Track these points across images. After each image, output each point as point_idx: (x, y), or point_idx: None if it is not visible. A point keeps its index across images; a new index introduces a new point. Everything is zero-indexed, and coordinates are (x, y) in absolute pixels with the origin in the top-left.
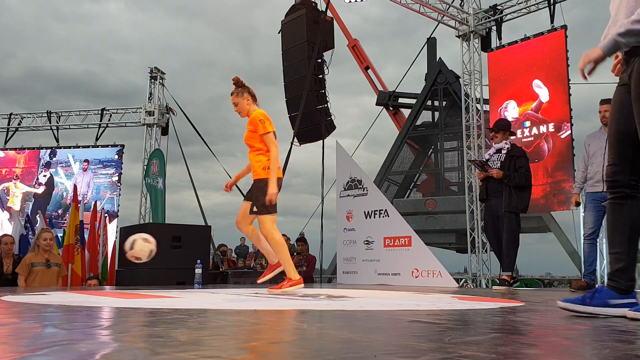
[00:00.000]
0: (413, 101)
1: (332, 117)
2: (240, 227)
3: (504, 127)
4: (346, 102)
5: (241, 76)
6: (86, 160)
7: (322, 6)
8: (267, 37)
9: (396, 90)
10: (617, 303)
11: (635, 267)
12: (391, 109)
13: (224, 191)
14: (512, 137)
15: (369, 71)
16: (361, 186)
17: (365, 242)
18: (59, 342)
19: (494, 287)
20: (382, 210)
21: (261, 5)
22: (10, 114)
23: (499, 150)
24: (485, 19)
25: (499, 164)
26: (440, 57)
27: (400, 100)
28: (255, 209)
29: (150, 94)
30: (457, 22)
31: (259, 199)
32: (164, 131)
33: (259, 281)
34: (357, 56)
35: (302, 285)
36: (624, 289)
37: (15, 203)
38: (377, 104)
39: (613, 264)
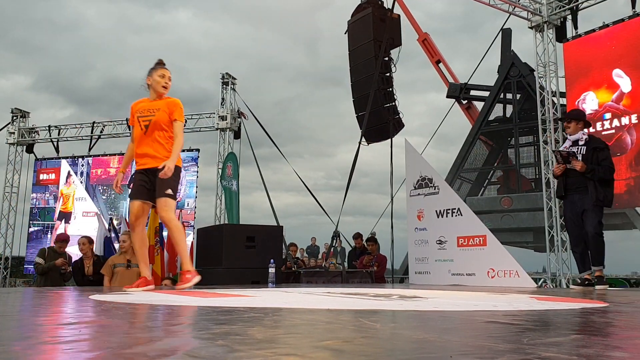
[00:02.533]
0: (485, 94)
1: (400, 115)
2: (136, 228)
3: (576, 117)
4: (412, 99)
5: (307, 79)
6: None
7: (388, 4)
8: (331, 39)
9: (468, 83)
10: None
11: None
12: (464, 102)
13: (294, 192)
14: (587, 129)
15: (441, 65)
16: (432, 184)
17: (438, 242)
18: (143, 339)
19: (599, 287)
20: (454, 209)
21: (325, 8)
22: (94, 122)
23: (575, 143)
24: (560, 8)
25: (580, 158)
26: (512, 50)
27: (472, 92)
28: (170, 192)
29: (223, 99)
30: (529, 13)
31: (168, 183)
32: (236, 135)
33: (128, 290)
34: (428, 50)
35: (197, 278)
36: None
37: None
38: (448, 96)
39: None
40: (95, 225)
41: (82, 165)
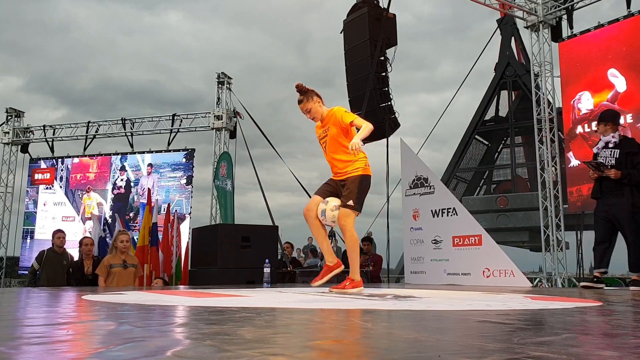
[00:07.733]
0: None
1: (396, 114)
2: (309, 216)
3: (602, 119)
4: (403, 100)
5: (298, 80)
6: (150, 165)
7: (384, 4)
8: (321, 40)
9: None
10: None
11: None
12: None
13: (288, 192)
14: (616, 131)
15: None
16: (427, 184)
17: (433, 242)
18: (133, 339)
19: (632, 288)
20: (450, 208)
21: (314, 9)
22: (89, 122)
23: (606, 144)
24: (555, 8)
25: (613, 161)
26: (509, 50)
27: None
28: (350, 203)
29: (218, 98)
30: (524, 13)
31: (354, 193)
32: (232, 135)
33: (315, 284)
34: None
35: (362, 287)
36: None
37: (94, 209)
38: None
39: None
40: (77, 229)
41: (62, 170)
